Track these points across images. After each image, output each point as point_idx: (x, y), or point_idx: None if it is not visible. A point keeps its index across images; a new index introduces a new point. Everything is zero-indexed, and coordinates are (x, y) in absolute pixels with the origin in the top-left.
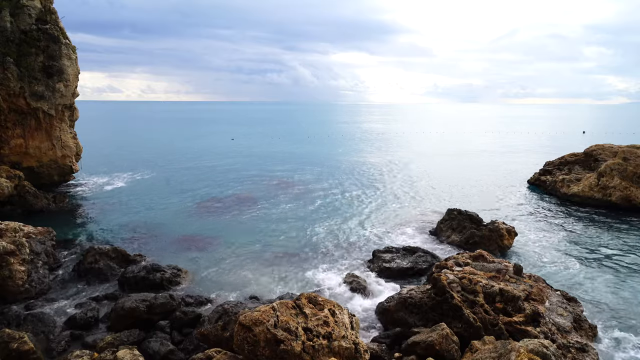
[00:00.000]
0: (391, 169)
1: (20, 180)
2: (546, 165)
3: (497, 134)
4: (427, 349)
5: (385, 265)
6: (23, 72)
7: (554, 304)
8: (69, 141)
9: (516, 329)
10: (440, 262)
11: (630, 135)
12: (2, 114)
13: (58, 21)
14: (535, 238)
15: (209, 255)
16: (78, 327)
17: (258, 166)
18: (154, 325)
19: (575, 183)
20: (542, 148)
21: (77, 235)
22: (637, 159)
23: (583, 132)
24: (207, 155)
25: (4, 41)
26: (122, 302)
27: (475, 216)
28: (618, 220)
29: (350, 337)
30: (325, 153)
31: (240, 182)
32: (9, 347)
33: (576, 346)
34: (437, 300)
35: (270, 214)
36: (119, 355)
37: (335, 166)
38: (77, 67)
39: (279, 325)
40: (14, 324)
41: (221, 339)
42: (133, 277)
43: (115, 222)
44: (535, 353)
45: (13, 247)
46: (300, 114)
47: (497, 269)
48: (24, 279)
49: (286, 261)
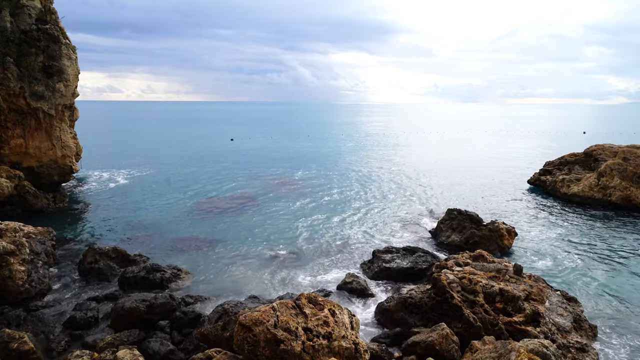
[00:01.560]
0: (391, 168)
1: (20, 180)
2: (546, 165)
3: (497, 134)
4: (427, 349)
5: (385, 265)
6: (23, 72)
7: (554, 304)
8: (69, 141)
9: (516, 329)
10: (440, 262)
11: (630, 135)
12: (2, 114)
13: (58, 21)
14: (535, 238)
15: (209, 255)
16: (78, 327)
17: (258, 166)
18: (154, 325)
19: (575, 183)
20: (542, 148)
21: (77, 235)
22: (637, 159)
23: (583, 132)
24: (207, 155)
25: (4, 41)
26: (122, 302)
27: (475, 216)
28: (618, 220)
29: (350, 337)
30: (325, 153)
31: (240, 182)
32: (9, 347)
33: (576, 346)
34: (437, 300)
35: (270, 213)
36: (119, 355)
37: (335, 166)
38: (77, 67)
39: (279, 325)
40: (14, 324)
41: (221, 339)
42: (133, 277)
43: (115, 222)
44: (535, 353)
45: (13, 247)
46: (301, 114)
47: (497, 269)
48: (24, 279)
49: (286, 261)
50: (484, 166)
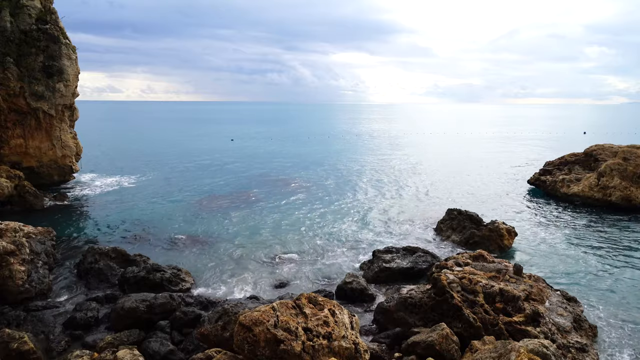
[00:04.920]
0: (391, 169)
1: (20, 180)
2: (546, 165)
3: (497, 134)
4: (427, 349)
5: (385, 265)
6: (23, 72)
7: (554, 304)
8: (69, 141)
9: (516, 329)
10: (440, 262)
11: (630, 135)
12: (2, 114)
13: (58, 21)
14: (535, 238)
15: (209, 255)
16: (78, 327)
17: (258, 166)
18: (154, 325)
19: (575, 183)
20: (542, 148)
21: (77, 236)
22: (637, 159)
23: (584, 132)
24: (207, 155)
25: (4, 41)
26: (122, 302)
27: (475, 216)
28: (618, 220)
29: (350, 337)
30: (325, 153)
31: (240, 182)
32: (9, 347)
33: (576, 346)
34: (437, 300)
35: (270, 213)
36: (119, 355)
37: (335, 166)
38: (77, 67)
39: (279, 325)
40: (14, 324)
41: (221, 339)
42: (133, 277)
43: (115, 222)
44: (535, 353)
45: (13, 247)
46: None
47: (497, 269)
48: (24, 279)
49: (286, 261)
50: (484, 166)
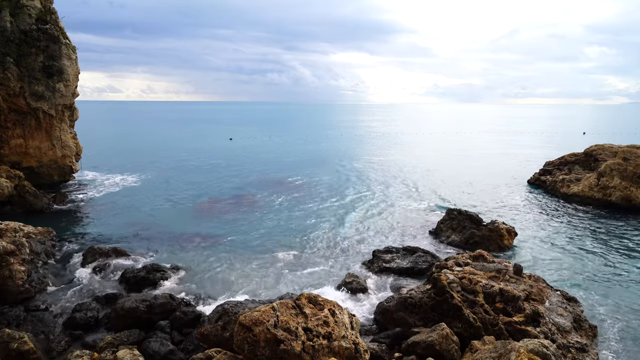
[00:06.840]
0: (391, 169)
1: (20, 180)
2: (546, 165)
3: (497, 134)
4: (427, 349)
5: (385, 265)
6: (23, 72)
7: (554, 304)
8: (69, 141)
9: (516, 329)
10: (440, 262)
11: (630, 135)
12: (2, 114)
13: (58, 21)
14: (535, 238)
15: (209, 255)
16: (78, 327)
17: (258, 166)
18: (154, 325)
19: (575, 183)
20: (542, 148)
21: (77, 236)
22: (637, 159)
23: (583, 132)
24: (207, 155)
25: (4, 41)
26: (122, 302)
27: (475, 216)
28: (618, 220)
29: (350, 337)
30: (324, 153)
31: (240, 181)
32: (9, 347)
33: (576, 346)
34: (437, 300)
35: (270, 213)
36: (119, 355)
37: (335, 166)
38: (77, 67)
39: (279, 325)
40: (14, 324)
41: (221, 339)
42: (133, 277)
43: (115, 222)
44: (535, 353)
45: (13, 247)
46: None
47: (497, 269)
48: (24, 279)
49: (286, 261)
50: (484, 166)
